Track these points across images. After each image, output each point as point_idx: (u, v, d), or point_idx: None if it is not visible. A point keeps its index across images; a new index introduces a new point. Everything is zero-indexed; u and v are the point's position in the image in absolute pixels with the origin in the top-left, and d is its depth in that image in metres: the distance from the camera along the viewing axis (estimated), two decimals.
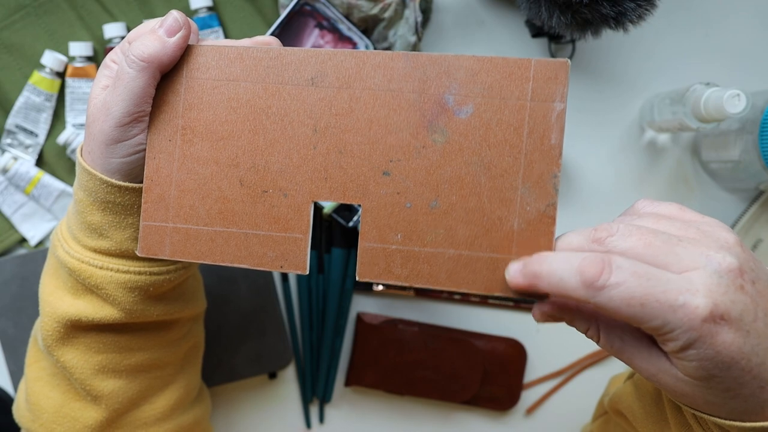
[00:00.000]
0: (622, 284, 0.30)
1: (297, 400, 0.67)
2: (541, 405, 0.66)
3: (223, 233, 0.39)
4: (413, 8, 0.60)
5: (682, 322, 0.30)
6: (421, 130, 0.37)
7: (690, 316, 0.30)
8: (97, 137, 0.40)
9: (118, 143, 0.39)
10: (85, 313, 0.43)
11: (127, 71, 0.38)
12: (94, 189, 0.41)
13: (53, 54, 0.62)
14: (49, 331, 0.44)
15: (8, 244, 0.64)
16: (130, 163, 0.40)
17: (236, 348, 0.63)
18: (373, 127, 0.37)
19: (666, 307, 0.30)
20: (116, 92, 0.38)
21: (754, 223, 0.65)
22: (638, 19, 0.53)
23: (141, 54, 0.38)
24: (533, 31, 0.63)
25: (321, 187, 0.38)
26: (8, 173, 0.63)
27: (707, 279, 0.30)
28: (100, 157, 0.40)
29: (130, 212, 0.42)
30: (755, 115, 0.57)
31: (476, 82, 0.36)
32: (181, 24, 0.39)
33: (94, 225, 0.42)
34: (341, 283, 0.65)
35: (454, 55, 0.36)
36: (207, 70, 0.39)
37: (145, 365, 0.46)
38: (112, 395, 0.45)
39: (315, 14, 0.62)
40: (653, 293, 0.30)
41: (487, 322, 0.66)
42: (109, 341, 0.45)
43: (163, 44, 0.38)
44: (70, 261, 0.43)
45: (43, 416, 0.46)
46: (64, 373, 0.45)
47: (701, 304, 0.30)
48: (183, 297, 0.48)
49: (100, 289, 0.43)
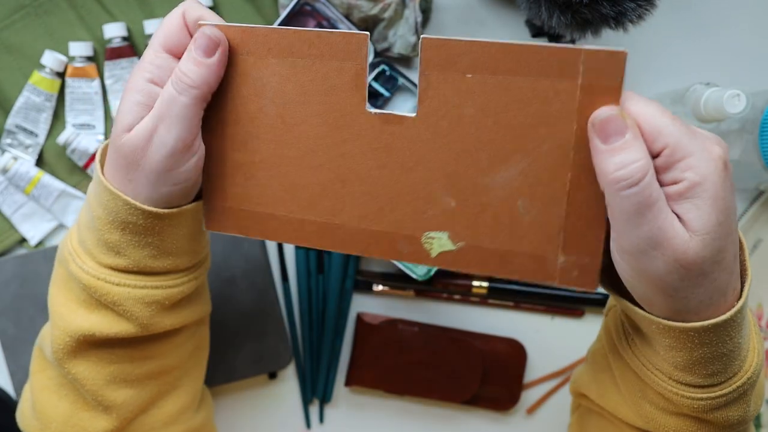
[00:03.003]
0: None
1: (297, 400, 0.66)
2: (541, 405, 0.66)
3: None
4: (413, 8, 0.60)
5: (700, 148, 0.32)
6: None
7: (709, 148, 0.33)
8: (145, 166, 0.39)
9: (169, 172, 0.39)
10: (100, 328, 0.43)
11: (175, 97, 0.38)
12: (115, 209, 0.40)
13: (53, 54, 0.62)
14: (61, 345, 0.44)
15: (8, 244, 0.64)
16: (182, 191, 0.40)
17: (236, 348, 0.63)
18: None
19: (690, 134, 0.33)
20: (165, 117, 0.38)
21: (754, 223, 0.65)
22: (638, 19, 0.53)
23: (189, 79, 0.38)
24: (533, 31, 0.63)
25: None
26: (8, 173, 0.63)
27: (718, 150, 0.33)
28: (145, 185, 0.39)
29: (151, 233, 0.41)
30: (755, 115, 0.57)
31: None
32: (216, 41, 0.38)
33: (111, 243, 0.41)
34: (341, 283, 0.65)
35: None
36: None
37: (154, 372, 0.46)
38: (124, 405, 0.45)
39: (315, 14, 0.62)
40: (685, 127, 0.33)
41: (487, 322, 0.66)
42: (121, 352, 0.44)
43: (209, 68, 0.38)
44: (85, 277, 0.42)
45: (52, 426, 0.45)
46: (74, 383, 0.45)
47: (716, 150, 0.33)
48: (193, 303, 0.47)
49: (118, 305, 0.42)
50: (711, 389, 0.37)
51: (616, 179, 0.32)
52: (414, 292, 0.65)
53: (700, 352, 0.35)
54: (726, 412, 0.37)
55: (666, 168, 0.33)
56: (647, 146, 0.32)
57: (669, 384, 0.38)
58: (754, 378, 0.37)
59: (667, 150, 0.32)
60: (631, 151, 0.32)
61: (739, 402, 0.38)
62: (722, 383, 0.37)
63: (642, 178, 0.31)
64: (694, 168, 0.32)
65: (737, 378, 0.37)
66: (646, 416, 0.40)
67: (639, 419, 0.41)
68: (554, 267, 0.37)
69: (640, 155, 0.32)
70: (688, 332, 0.35)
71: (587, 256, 0.36)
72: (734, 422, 0.38)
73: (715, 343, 0.35)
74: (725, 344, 0.35)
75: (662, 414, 0.39)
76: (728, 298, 0.35)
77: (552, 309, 0.66)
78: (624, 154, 0.32)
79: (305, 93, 0.39)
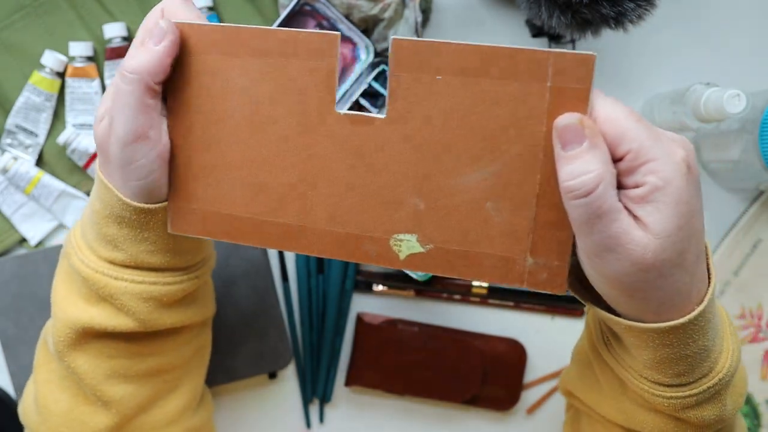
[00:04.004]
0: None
1: (297, 400, 0.67)
2: (541, 405, 0.66)
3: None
4: (413, 8, 0.60)
5: (663, 152, 0.33)
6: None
7: (673, 151, 0.33)
8: (112, 160, 0.39)
9: (130, 165, 0.39)
10: (99, 321, 0.43)
11: (120, 86, 0.38)
12: (110, 203, 0.41)
13: (53, 54, 0.62)
14: (61, 337, 0.44)
15: (8, 244, 0.64)
16: (146, 185, 0.40)
17: (236, 348, 0.63)
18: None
19: (654, 138, 0.33)
20: (116, 110, 0.38)
21: (754, 223, 0.65)
22: (638, 19, 0.53)
23: (131, 66, 0.37)
24: (533, 31, 0.63)
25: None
26: (8, 173, 0.63)
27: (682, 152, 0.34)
28: (120, 180, 0.40)
29: (146, 228, 0.41)
30: (755, 115, 0.57)
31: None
32: (165, 30, 0.38)
33: (109, 237, 0.42)
34: (341, 283, 0.65)
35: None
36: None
37: (155, 370, 0.46)
38: (123, 400, 0.45)
39: (315, 14, 0.62)
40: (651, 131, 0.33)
41: (487, 322, 0.66)
42: (121, 348, 0.45)
43: (151, 54, 0.38)
44: (85, 270, 0.43)
45: (52, 419, 0.45)
46: (74, 377, 0.45)
47: (680, 153, 0.33)
48: (195, 304, 0.47)
49: (115, 299, 0.43)
50: (680, 389, 0.37)
51: (567, 188, 0.32)
52: (414, 292, 0.65)
53: (662, 352, 0.36)
54: (700, 412, 0.38)
55: (629, 172, 0.33)
56: (611, 150, 0.33)
57: (641, 382, 0.38)
58: (727, 380, 0.38)
59: (629, 155, 0.32)
60: (584, 161, 0.32)
61: (713, 402, 0.38)
62: (690, 383, 0.37)
63: (592, 189, 0.32)
64: (656, 172, 0.32)
65: (707, 379, 0.37)
66: (626, 413, 0.41)
67: (620, 416, 0.42)
68: (523, 269, 0.37)
69: (593, 167, 0.32)
70: (648, 332, 0.35)
71: (556, 259, 0.36)
72: (710, 422, 0.38)
73: (677, 344, 0.36)
74: (688, 346, 0.36)
75: (641, 411, 0.40)
76: (692, 300, 0.35)
77: (552, 309, 0.66)
78: (577, 164, 0.32)
79: (275, 93, 0.38)
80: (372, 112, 0.64)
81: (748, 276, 0.65)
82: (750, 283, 0.65)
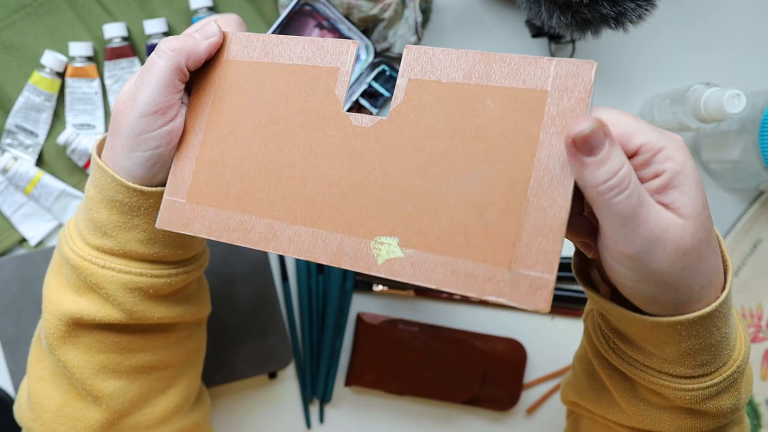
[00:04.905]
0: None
1: (297, 400, 0.67)
2: (541, 405, 0.66)
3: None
4: (413, 8, 0.60)
5: (669, 139, 0.34)
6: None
7: (675, 138, 0.34)
8: (121, 130, 0.41)
9: (141, 135, 0.40)
10: (87, 312, 0.43)
11: (155, 60, 0.40)
12: (104, 186, 0.41)
13: (53, 54, 0.62)
14: (51, 329, 0.45)
15: (8, 244, 0.64)
16: (150, 158, 0.41)
17: (236, 348, 0.63)
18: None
19: (656, 130, 0.34)
20: (143, 80, 0.40)
21: (754, 223, 0.65)
22: (638, 19, 0.53)
23: (170, 45, 0.40)
24: (533, 31, 0.63)
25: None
26: (8, 173, 0.63)
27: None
28: (121, 152, 0.41)
29: (137, 213, 0.42)
30: (755, 115, 0.57)
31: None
32: (213, 32, 0.41)
33: (100, 223, 0.42)
34: (341, 283, 0.65)
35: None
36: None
37: (146, 367, 0.46)
38: (113, 396, 0.45)
39: (315, 14, 0.62)
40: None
41: (487, 322, 0.66)
42: (110, 341, 0.45)
43: (195, 41, 0.41)
44: (74, 258, 0.43)
45: (45, 415, 0.46)
46: (66, 373, 0.45)
47: (678, 137, 0.35)
48: (186, 301, 0.48)
49: (101, 288, 0.43)
50: (701, 379, 0.37)
51: (609, 188, 0.32)
52: (414, 292, 0.65)
53: (688, 343, 0.36)
54: (719, 401, 0.38)
55: (645, 164, 0.34)
56: (623, 148, 0.34)
57: (660, 378, 0.38)
58: (743, 366, 0.38)
59: (643, 147, 0.33)
60: (614, 158, 0.32)
61: (731, 390, 0.38)
62: (712, 373, 0.37)
63: (631, 181, 0.32)
64: (671, 158, 0.33)
65: (727, 367, 0.38)
66: (640, 415, 0.41)
67: (632, 419, 0.41)
68: (505, 281, 0.34)
69: (623, 160, 0.33)
70: (675, 326, 0.35)
71: (544, 272, 0.34)
72: (727, 410, 0.39)
73: (703, 334, 0.36)
74: (712, 335, 0.36)
75: (655, 410, 0.40)
76: (714, 286, 0.36)
77: (552, 309, 0.66)
78: (610, 164, 0.32)
79: (287, 94, 0.40)
80: (372, 112, 0.64)
81: (748, 276, 0.65)
82: (750, 283, 0.65)
